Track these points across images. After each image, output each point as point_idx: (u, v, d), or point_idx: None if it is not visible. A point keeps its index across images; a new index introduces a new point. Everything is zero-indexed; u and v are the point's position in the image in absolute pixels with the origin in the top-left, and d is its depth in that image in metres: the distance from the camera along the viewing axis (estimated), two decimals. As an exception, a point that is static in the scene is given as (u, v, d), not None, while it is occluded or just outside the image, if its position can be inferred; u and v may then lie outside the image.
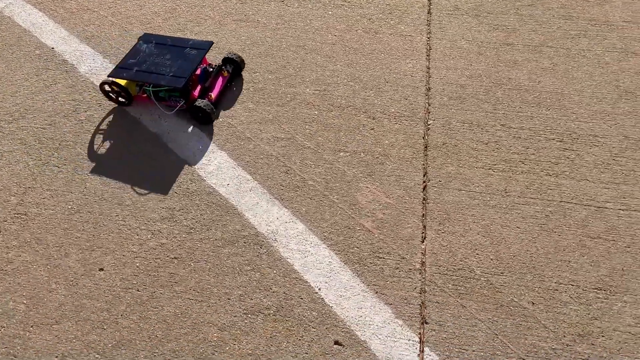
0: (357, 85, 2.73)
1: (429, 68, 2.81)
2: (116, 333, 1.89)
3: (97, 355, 1.84)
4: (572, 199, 2.19)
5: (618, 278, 1.95)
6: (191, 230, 2.18)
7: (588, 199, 2.19)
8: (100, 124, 2.58)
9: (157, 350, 1.85)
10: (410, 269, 2.02)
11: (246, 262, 2.07)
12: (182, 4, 3.28)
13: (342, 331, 1.88)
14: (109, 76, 2.48)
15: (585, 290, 1.93)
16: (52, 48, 2.97)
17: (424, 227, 2.14)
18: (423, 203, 2.22)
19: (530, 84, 2.67)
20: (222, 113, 2.63)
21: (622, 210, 2.14)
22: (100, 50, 2.99)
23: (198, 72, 2.60)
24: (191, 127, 2.56)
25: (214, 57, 2.89)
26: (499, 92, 2.65)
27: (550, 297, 1.92)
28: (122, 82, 2.52)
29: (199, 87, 2.59)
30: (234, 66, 2.72)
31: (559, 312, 1.88)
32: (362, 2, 3.23)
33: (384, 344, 1.84)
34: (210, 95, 2.60)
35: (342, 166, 2.38)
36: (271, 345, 1.85)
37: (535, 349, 1.80)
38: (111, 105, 2.67)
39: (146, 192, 2.29)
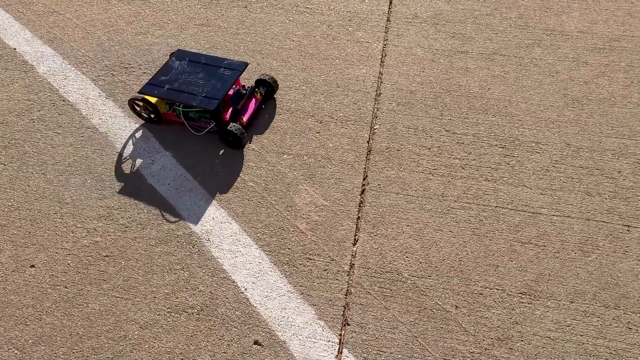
0: (309, 90, 2.74)
1: (381, 74, 2.82)
2: (38, 329, 1.89)
3: (16, 352, 1.83)
4: (508, 204, 2.18)
5: (544, 283, 1.93)
6: (126, 229, 2.17)
7: (523, 205, 2.18)
8: (51, 124, 2.59)
9: (76, 347, 1.84)
10: (338, 271, 2.01)
11: (177, 261, 2.07)
12: (147, 8, 3.30)
13: (263, 331, 1.87)
14: (139, 92, 2.38)
15: (510, 294, 1.92)
16: (14, 49, 2.99)
17: (357, 229, 2.14)
18: (359, 206, 2.22)
19: (480, 91, 2.68)
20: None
21: (556, 216, 2.13)
22: (61, 52, 3.01)
23: (230, 92, 2.49)
24: (140, 128, 2.56)
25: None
26: (448, 98, 2.65)
27: (474, 301, 1.90)
28: (153, 99, 2.42)
29: (230, 109, 2.46)
30: (267, 88, 2.60)
31: (481, 316, 1.86)
32: (323, 9, 3.25)
33: (303, 345, 1.82)
34: (242, 119, 2.47)
35: (283, 168, 2.38)
36: (190, 344, 1.84)
37: (453, 353, 1.78)
38: (64, 105, 2.68)
39: (87, 191, 2.30)
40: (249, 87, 2.53)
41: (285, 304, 1.91)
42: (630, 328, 1.79)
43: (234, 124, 2.36)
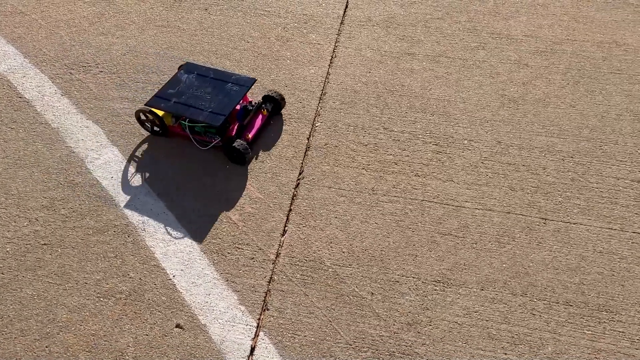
0: (257, 88, 2.86)
1: (329, 74, 2.94)
2: (-29, 311, 2.00)
3: (-52, 331, 1.94)
4: (434, 198, 2.30)
5: (458, 272, 2.04)
6: (66, 219, 2.29)
7: (449, 199, 2.29)
8: (6, 119, 2.71)
9: (5, 330, 1.95)
10: (264, 260, 2.13)
11: (111, 249, 2.18)
12: (110, 10, 3.44)
13: (186, 315, 1.98)
14: (146, 104, 2.42)
15: (425, 282, 2.03)
16: (-23, 48, 3.12)
17: (287, 221, 2.25)
18: (292, 199, 2.33)
19: (421, 91, 2.80)
20: (122, 109, 2.76)
21: (478, 209, 2.24)
22: (23, 50, 3.14)
23: (238, 107, 2.50)
24: (90, 123, 2.68)
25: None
26: (390, 98, 2.77)
27: (390, 288, 2.01)
28: (160, 112, 2.44)
29: (236, 125, 2.47)
30: (273, 104, 2.61)
31: (395, 302, 1.97)
32: (280, 12, 3.38)
33: (222, 328, 1.93)
34: (247, 135, 2.48)
35: (223, 163, 2.50)
36: (115, 326, 1.95)
37: (363, 336, 1.89)
38: (21, 102, 2.81)
39: (34, 182, 2.41)
40: (255, 103, 2.55)
41: (210, 290, 2.02)
42: (533, 314, 1.90)
43: (239, 140, 2.37)
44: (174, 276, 2.07)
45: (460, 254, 2.07)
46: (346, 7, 3.33)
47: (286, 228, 2.20)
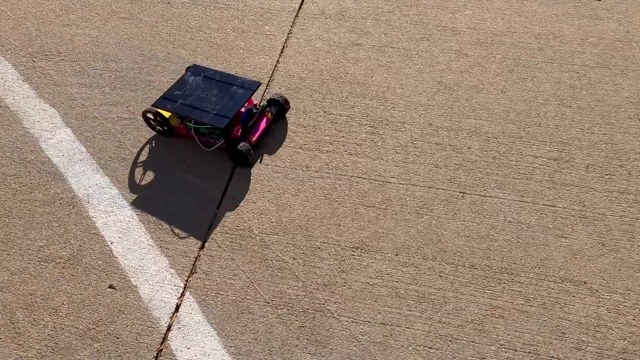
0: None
1: (278, 63, 3.15)
2: None
3: None
4: (362, 174, 2.50)
5: (377, 240, 2.24)
6: (16, 192, 2.49)
7: (376, 175, 2.49)
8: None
9: (-50, 287, 2.14)
10: (198, 229, 2.33)
11: (55, 219, 2.38)
12: (77, 3, 3.66)
13: (119, 277, 2.17)
14: (152, 105, 2.49)
15: (344, 249, 2.22)
16: (-54, 37, 3.33)
17: (224, 195, 2.45)
18: (230, 177, 2.54)
19: (364, 78, 3.01)
20: (79, 94, 2.96)
21: (402, 184, 2.45)
22: (-11, 40, 3.35)
23: (242, 110, 2.54)
24: (47, 106, 2.89)
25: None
26: (333, 84, 2.98)
27: (311, 254, 2.21)
28: (166, 113, 2.51)
29: (240, 127, 2.53)
30: (277, 108, 2.67)
31: (314, 266, 2.17)
32: (239, 5, 3.60)
33: (152, 288, 2.13)
34: (251, 138, 2.54)
35: (172, 146, 2.70)
36: (52, 287, 2.15)
37: (281, 295, 2.08)
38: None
39: (-11, 160, 2.60)
40: (260, 106, 2.61)
41: (144, 255, 2.22)
42: (440, 276, 2.10)
43: (242, 143, 2.43)
44: (111, 243, 2.26)
45: (380, 224, 2.27)
46: (302, 1, 3.55)
47: (221, 202, 2.39)
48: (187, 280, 2.11)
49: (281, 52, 3.19)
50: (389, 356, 1.87)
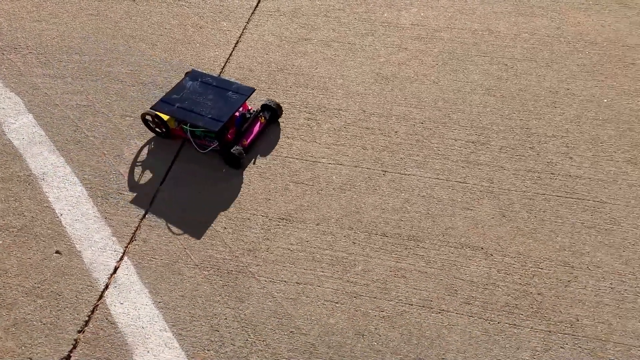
0: (165, 67, 3.38)
1: (231, 56, 3.46)
2: None
3: None
4: (296, 155, 2.80)
5: (301, 212, 2.54)
6: (-22, 170, 2.78)
7: (308, 156, 2.79)
8: None
9: None
10: (141, 203, 2.62)
11: (12, 194, 2.68)
12: (48, 0, 3.97)
13: (66, 244, 2.47)
14: (151, 108, 2.63)
15: (271, 220, 2.52)
16: None
17: (167, 174, 2.75)
18: (175, 156, 2.83)
19: (309, 70, 3.31)
20: (43, 84, 3.26)
21: (331, 164, 2.74)
22: (-37, 34, 3.65)
23: (237, 114, 2.67)
24: (12, 94, 3.18)
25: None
26: (279, 75, 3.29)
27: (241, 224, 2.50)
28: (164, 116, 2.63)
29: (234, 131, 2.65)
30: (271, 113, 2.81)
31: (242, 234, 2.47)
32: (200, 2, 3.91)
33: (94, 254, 2.42)
34: (244, 141, 2.67)
35: (124, 128, 3.01)
36: (3, 252, 2.44)
37: (209, 259, 2.38)
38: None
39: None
40: (254, 110, 2.76)
41: (89, 225, 2.52)
42: (354, 243, 2.39)
43: (236, 146, 2.57)
44: (61, 215, 2.56)
45: (306, 198, 2.57)
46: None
47: (164, 179, 2.69)
48: (126, 247, 2.40)
49: (235, 46, 3.50)
50: (299, 310, 2.16)
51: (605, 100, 2.89)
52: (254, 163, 2.74)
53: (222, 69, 3.28)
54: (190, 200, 2.53)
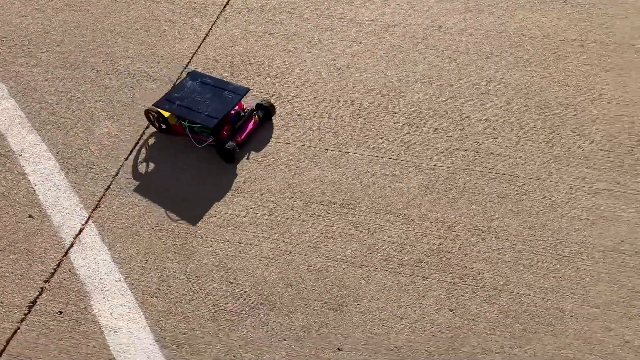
0: (137, 58, 3.77)
1: (199, 48, 3.85)
2: None
3: None
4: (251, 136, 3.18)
5: (249, 184, 2.90)
6: (-38, 147, 3.17)
7: (261, 136, 3.17)
8: None
9: None
10: (107, 175, 3.01)
11: (-8, 167, 3.06)
12: (34, -3, 4.37)
13: (38, 210, 2.85)
14: (153, 105, 2.87)
15: (222, 190, 2.90)
16: None
17: (132, 150, 3.14)
18: (141, 136, 3.23)
19: (269, 61, 3.70)
20: (25, 72, 3.65)
21: (279, 143, 3.11)
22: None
23: (233, 112, 2.89)
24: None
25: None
26: (241, 65, 3.68)
27: (195, 194, 2.89)
28: (166, 113, 2.86)
29: (229, 128, 2.86)
30: (264, 112, 3.02)
31: (195, 203, 2.85)
32: (175, 0, 4.32)
33: (62, 218, 2.81)
34: (238, 138, 2.87)
35: (96, 111, 3.40)
36: (-17, 216, 2.82)
37: (164, 222, 2.75)
38: None
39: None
40: (248, 109, 2.99)
41: (60, 194, 2.90)
42: (293, 209, 2.77)
43: (230, 142, 2.79)
44: (35, 185, 2.94)
45: (254, 172, 2.95)
46: (231, -3, 4.25)
47: (129, 155, 3.08)
48: (91, 212, 2.78)
49: (203, 39, 3.89)
50: (238, 265, 2.54)
51: (535, 89, 3.26)
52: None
53: (190, 59, 3.68)
54: (152, 174, 2.91)
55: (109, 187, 2.85)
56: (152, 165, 2.93)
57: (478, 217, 2.59)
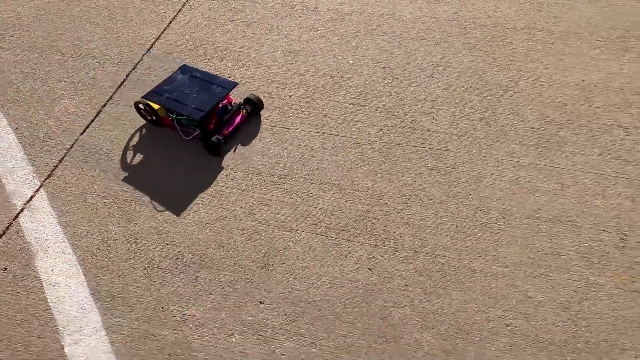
0: (102, 42, 4.00)
1: (162, 33, 4.08)
2: None
3: None
4: (201, 113, 3.39)
5: (196, 157, 3.13)
6: None
7: (211, 114, 3.38)
8: None
9: None
10: (62, 148, 3.23)
11: (-46, 140, 3.28)
12: (9, -14, 4.61)
13: None
14: (142, 97, 2.95)
15: (169, 165, 3.12)
16: None
17: (88, 125, 3.37)
18: (98, 113, 3.45)
19: (228, 45, 3.92)
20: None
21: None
22: None
23: (220, 105, 2.98)
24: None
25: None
26: (200, 50, 3.90)
27: (142, 166, 3.10)
28: (155, 105, 2.93)
29: (216, 121, 2.95)
30: (252, 106, 3.11)
31: (141, 174, 3.06)
32: (144, -11, 4.54)
33: (16, 186, 3.02)
34: (224, 130, 2.96)
35: (58, 90, 3.63)
36: (-59, 183, 3.04)
37: (110, 191, 2.96)
38: None
39: None
40: (236, 103, 3.07)
41: (15, 164, 3.12)
42: (232, 180, 2.98)
43: (216, 134, 2.89)
44: None
45: (200, 146, 3.17)
46: (198, -14, 4.48)
47: (86, 129, 3.31)
48: (44, 181, 3.00)
49: (167, 25, 4.12)
50: (176, 228, 2.75)
51: (478, 72, 3.47)
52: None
53: (152, 44, 3.90)
54: (104, 148, 3.12)
55: (62, 158, 3.06)
56: (104, 139, 3.15)
57: (406, 187, 2.80)
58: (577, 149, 2.89)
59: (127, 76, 3.61)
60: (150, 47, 3.84)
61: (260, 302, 2.36)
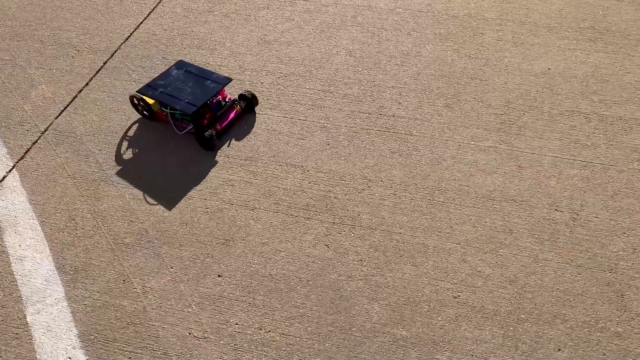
0: (82, 31, 4.13)
1: (141, 23, 4.21)
2: None
3: None
4: (173, 99, 3.51)
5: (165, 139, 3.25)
6: None
7: (184, 100, 3.50)
8: None
9: None
10: (36, 131, 3.35)
11: None
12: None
13: None
14: (137, 91, 3.01)
15: (142, 148, 3.24)
16: None
17: (63, 110, 3.49)
18: (73, 99, 3.57)
19: (205, 36, 4.04)
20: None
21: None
22: None
23: (214, 101, 3.01)
24: None
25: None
26: (178, 39, 4.02)
27: (113, 149, 3.22)
28: (150, 100, 3.00)
29: (209, 116, 2.98)
30: (246, 102, 3.13)
31: (111, 155, 3.19)
32: (126, -19, 4.67)
33: None
34: (217, 126, 2.99)
35: (36, 77, 3.75)
36: None
37: (81, 172, 3.08)
38: None
39: None
40: (231, 99, 3.10)
41: None
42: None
43: (209, 129, 2.91)
44: None
45: (171, 131, 3.28)
46: (179, -21, 4.60)
47: (61, 114, 3.43)
48: (16, 162, 3.12)
49: (147, 16, 4.25)
50: (142, 207, 2.86)
51: (447, 61, 3.59)
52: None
53: (131, 34, 4.03)
54: (77, 131, 3.24)
55: (36, 141, 3.18)
56: (77, 123, 3.25)
57: (368, 169, 2.91)
58: (537, 133, 3.00)
59: (104, 64, 3.73)
60: (129, 37, 3.96)
61: (219, 276, 2.47)
